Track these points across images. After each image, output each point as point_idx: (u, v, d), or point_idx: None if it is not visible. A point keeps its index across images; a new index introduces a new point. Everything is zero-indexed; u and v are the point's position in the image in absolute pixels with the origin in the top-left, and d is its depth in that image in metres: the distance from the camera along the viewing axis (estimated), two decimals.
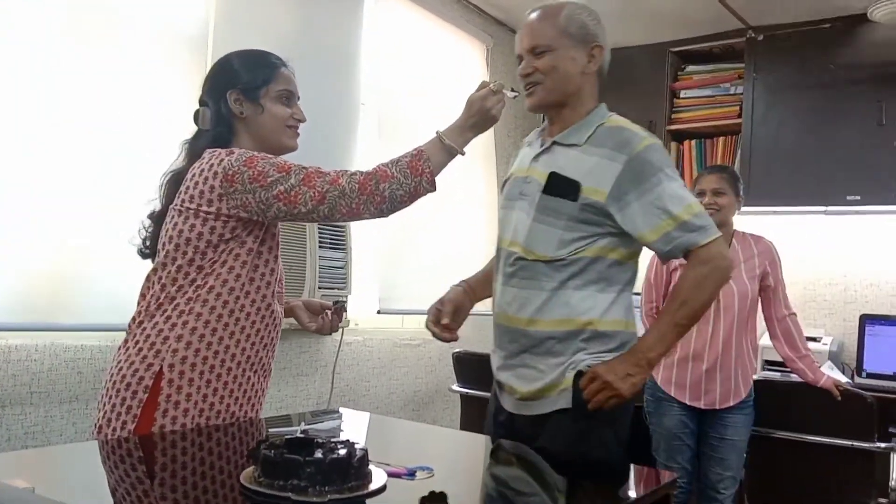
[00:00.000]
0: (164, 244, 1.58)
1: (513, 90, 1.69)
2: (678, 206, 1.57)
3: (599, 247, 1.61)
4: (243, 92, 1.64)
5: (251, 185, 1.51)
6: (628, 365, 1.56)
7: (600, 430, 1.58)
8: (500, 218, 1.80)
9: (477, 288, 1.86)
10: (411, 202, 1.58)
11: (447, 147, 1.59)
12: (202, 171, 1.55)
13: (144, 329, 1.55)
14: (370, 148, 3.19)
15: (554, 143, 1.69)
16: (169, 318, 1.54)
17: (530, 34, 1.69)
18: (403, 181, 1.54)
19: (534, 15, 1.71)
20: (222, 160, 1.53)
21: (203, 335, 1.54)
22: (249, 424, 1.61)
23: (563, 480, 1.42)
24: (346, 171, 1.54)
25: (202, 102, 1.69)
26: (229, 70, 1.67)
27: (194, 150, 1.66)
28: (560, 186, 1.62)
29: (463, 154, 1.63)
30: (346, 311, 1.88)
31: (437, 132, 1.61)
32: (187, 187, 1.56)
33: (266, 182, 1.50)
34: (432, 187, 1.58)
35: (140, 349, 1.54)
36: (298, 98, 1.73)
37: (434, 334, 1.79)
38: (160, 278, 1.57)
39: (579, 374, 1.59)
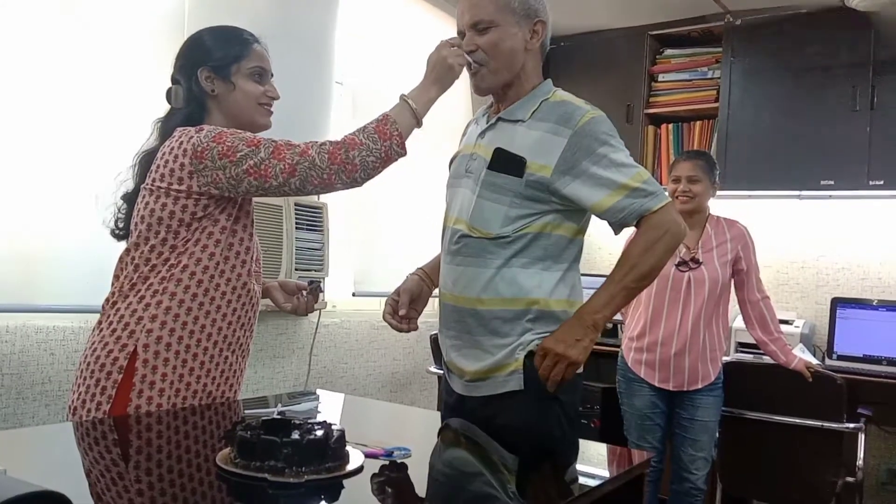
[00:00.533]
0: (136, 224, 1.56)
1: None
2: (626, 174, 1.56)
3: (543, 223, 1.60)
4: (214, 69, 1.62)
5: (221, 161, 1.49)
6: (575, 329, 1.55)
7: (553, 409, 1.59)
8: (446, 196, 1.78)
9: (433, 274, 1.82)
10: (384, 167, 1.56)
11: (413, 109, 1.59)
12: (172, 149, 1.53)
13: (118, 309, 1.54)
14: (346, 127, 3.16)
15: (499, 119, 1.67)
16: (143, 297, 1.53)
17: (472, 9, 1.64)
18: (373, 147, 1.52)
19: None
20: (191, 137, 1.51)
21: (178, 314, 1.53)
22: (226, 406, 1.60)
23: (515, 459, 1.43)
24: (316, 142, 1.53)
25: (174, 80, 1.67)
26: (200, 47, 1.65)
27: (166, 128, 1.63)
28: (505, 163, 1.60)
29: (419, 121, 1.62)
30: (322, 291, 1.87)
31: (401, 95, 1.61)
32: (157, 166, 1.54)
33: (235, 157, 1.49)
34: (403, 150, 1.57)
35: (114, 329, 1.52)
36: (272, 75, 1.70)
37: (392, 325, 1.77)
38: (133, 258, 1.56)
39: (530, 355, 1.58)
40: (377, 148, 1.53)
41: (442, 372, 1.73)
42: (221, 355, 1.59)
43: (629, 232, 1.76)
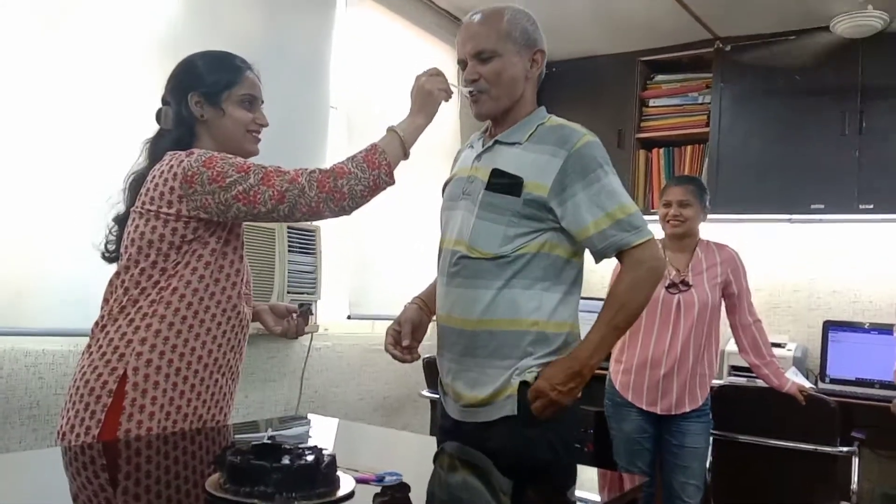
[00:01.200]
0: (126, 247, 1.56)
1: (467, 87, 1.69)
2: (613, 203, 1.58)
3: (541, 241, 1.61)
4: (205, 95, 1.62)
5: (210, 186, 1.49)
6: (569, 376, 1.56)
7: (547, 435, 1.59)
8: (442, 219, 1.79)
9: (430, 302, 1.81)
10: (372, 197, 1.57)
11: (401, 139, 1.61)
12: (162, 172, 1.53)
13: (108, 333, 1.53)
14: (340, 152, 3.17)
15: (496, 142, 1.70)
16: (132, 321, 1.52)
17: (474, 38, 1.67)
18: (361, 176, 1.53)
19: (476, 19, 1.69)
20: (181, 161, 1.52)
21: (167, 338, 1.52)
22: (216, 430, 1.58)
23: (509, 484, 1.41)
24: (306, 169, 1.53)
25: (164, 101, 1.67)
26: (192, 71, 1.65)
27: (155, 150, 1.64)
28: (503, 183, 1.62)
29: (406, 152, 1.63)
30: (312, 314, 1.86)
31: (389, 127, 1.62)
32: (147, 189, 1.54)
33: (225, 182, 1.49)
34: (391, 179, 1.58)
35: (104, 353, 1.51)
36: (262, 102, 1.71)
37: (395, 357, 1.75)
38: (123, 282, 1.55)
39: (524, 384, 1.59)
40: (365, 177, 1.53)
41: (436, 396, 1.73)
42: (212, 378, 1.58)
43: (610, 266, 1.77)
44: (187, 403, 1.54)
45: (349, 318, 3.23)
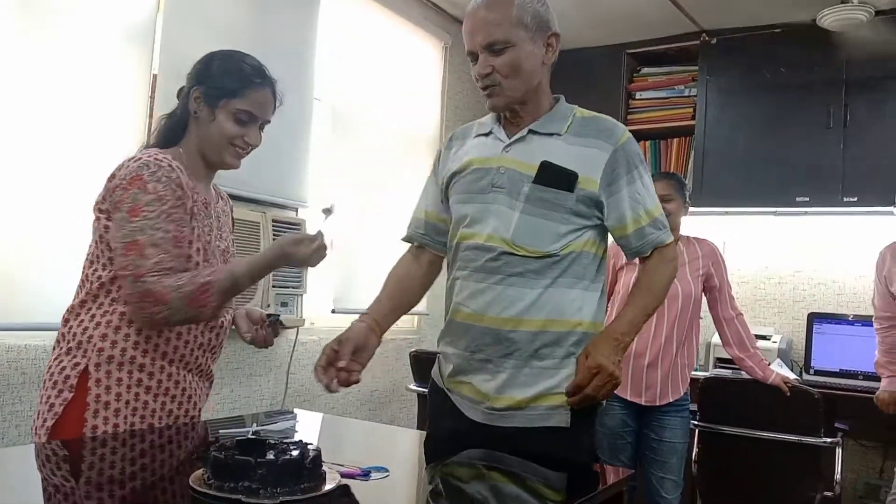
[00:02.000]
0: (95, 241, 1.55)
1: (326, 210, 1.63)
2: (651, 202, 1.59)
3: (586, 239, 1.57)
4: (206, 94, 1.58)
5: (119, 213, 1.46)
6: (614, 350, 1.51)
7: (587, 441, 1.60)
8: (460, 212, 1.63)
9: (384, 322, 1.67)
10: (190, 323, 1.54)
11: (236, 276, 1.52)
12: (114, 173, 1.52)
13: (71, 328, 1.52)
14: (324, 143, 3.16)
15: (530, 131, 1.59)
16: (94, 316, 1.51)
17: (484, 29, 1.53)
18: (178, 311, 1.45)
19: (482, 5, 1.55)
20: (128, 166, 1.50)
21: (128, 334, 1.50)
22: (190, 426, 1.57)
23: (523, 481, 1.41)
24: (174, 284, 1.44)
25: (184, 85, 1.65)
26: (207, 66, 1.61)
27: (157, 128, 1.64)
28: (555, 176, 1.54)
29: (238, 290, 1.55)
30: (282, 325, 1.79)
31: (231, 265, 1.57)
32: (104, 185, 1.53)
33: (135, 219, 1.44)
34: (214, 321, 1.57)
35: (69, 348, 1.50)
36: (266, 122, 1.65)
37: (321, 382, 1.53)
38: (87, 276, 1.54)
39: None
40: (182, 313, 1.46)
41: (423, 390, 1.67)
42: (180, 374, 1.56)
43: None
44: (154, 399, 1.51)
45: (333, 312, 3.21)
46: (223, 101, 1.58)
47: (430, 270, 1.79)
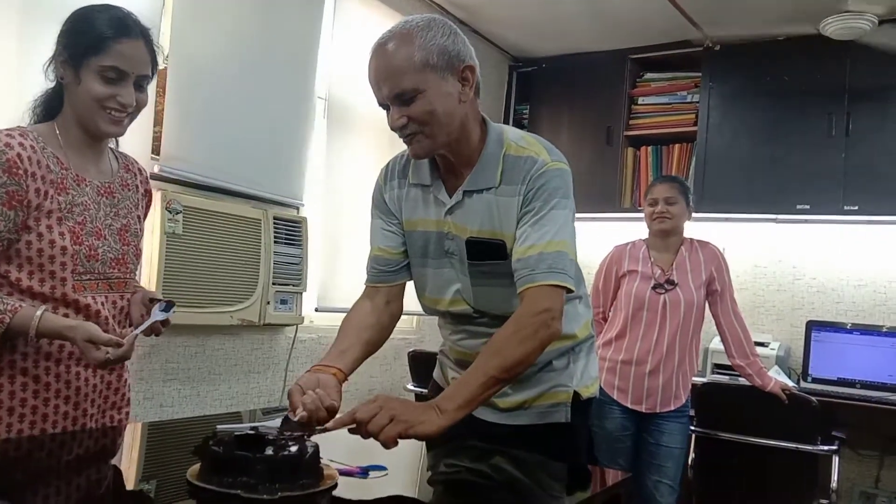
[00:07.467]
0: None
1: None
2: (551, 233, 1.40)
3: None
4: (70, 56, 1.41)
5: None
6: (420, 412, 1.29)
7: (585, 436, 1.61)
8: (418, 273, 1.58)
9: (349, 372, 1.50)
10: None
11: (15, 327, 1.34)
12: None
13: None
14: (326, 141, 3.16)
15: (465, 192, 1.47)
16: None
17: (389, 80, 1.37)
18: None
19: (382, 52, 1.40)
20: None
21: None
22: (112, 429, 1.49)
23: (522, 480, 1.41)
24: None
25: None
26: (65, 27, 1.45)
27: (32, 106, 1.49)
28: (484, 250, 1.47)
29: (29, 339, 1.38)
30: (166, 324, 1.54)
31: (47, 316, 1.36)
32: None
33: None
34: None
35: None
36: (146, 78, 1.46)
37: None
38: None
39: (575, 395, 1.57)
40: None
41: (422, 390, 1.66)
42: (70, 372, 1.44)
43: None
44: (45, 404, 1.40)
45: (316, 310, 3.17)
46: (85, 59, 1.40)
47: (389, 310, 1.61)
